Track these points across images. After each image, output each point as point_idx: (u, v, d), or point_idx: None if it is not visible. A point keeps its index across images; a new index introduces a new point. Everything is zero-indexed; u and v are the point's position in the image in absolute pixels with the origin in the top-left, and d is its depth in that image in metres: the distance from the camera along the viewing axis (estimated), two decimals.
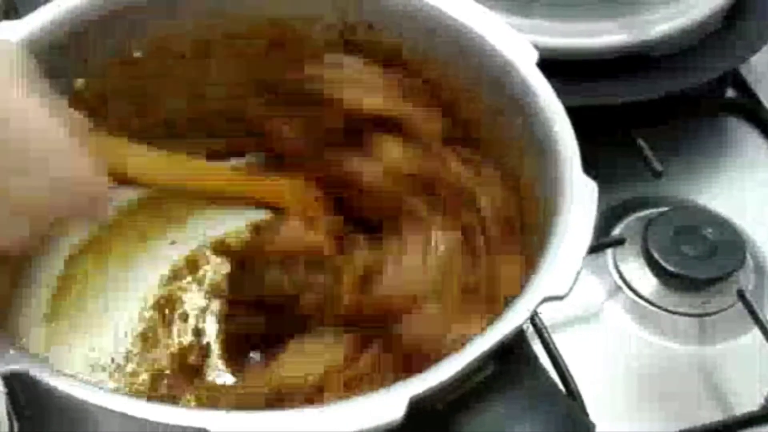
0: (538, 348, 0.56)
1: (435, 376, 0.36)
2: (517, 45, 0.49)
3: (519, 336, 0.40)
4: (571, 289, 0.39)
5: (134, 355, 0.54)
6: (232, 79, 0.57)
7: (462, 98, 0.52)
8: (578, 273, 0.40)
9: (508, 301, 0.40)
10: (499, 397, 0.38)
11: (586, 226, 0.41)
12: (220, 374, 0.53)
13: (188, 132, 0.58)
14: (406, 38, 0.53)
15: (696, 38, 0.67)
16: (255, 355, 0.53)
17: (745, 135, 0.73)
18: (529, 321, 0.40)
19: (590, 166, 0.42)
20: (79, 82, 0.52)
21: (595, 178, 0.44)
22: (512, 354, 0.39)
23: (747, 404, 0.56)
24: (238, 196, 0.52)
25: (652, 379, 0.58)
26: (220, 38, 0.55)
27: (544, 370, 0.41)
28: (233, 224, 0.58)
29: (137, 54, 0.53)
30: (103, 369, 0.53)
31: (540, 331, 0.56)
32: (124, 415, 0.35)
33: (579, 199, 0.42)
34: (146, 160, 0.46)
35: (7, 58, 0.37)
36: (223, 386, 0.52)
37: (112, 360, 0.53)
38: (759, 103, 0.73)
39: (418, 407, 0.35)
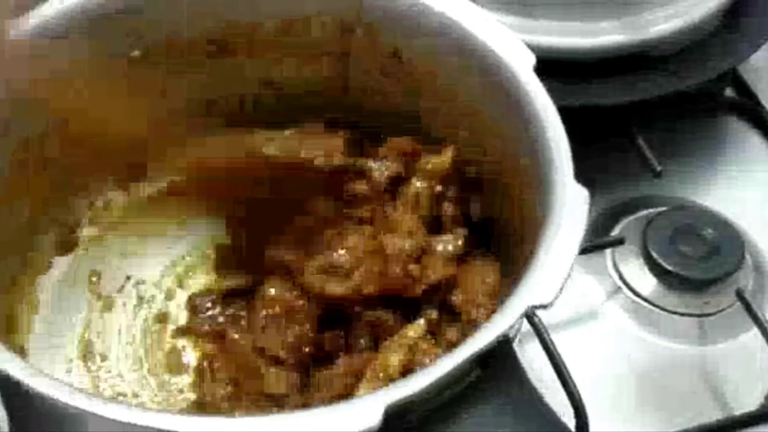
0: (536, 348, 0.55)
1: (413, 384, 0.36)
2: (514, 49, 0.49)
3: (504, 343, 0.39)
4: (556, 298, 0.39)
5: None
6: (232, 80, 0.57)
7: (461, 102, 0.52)
8: (565, 282, 0.39)
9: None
10: (480, 405, 0.38)
11: (576, 235, 0.41)
12: None
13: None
14: (406, 40, 0.53)
15: (695, 38, 0.67)
16: None
17: (745, 135, 0.73)
18: (515, 328, 0.39)
19: (590, 166, 0.42)
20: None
21: (589, 181, 0.43)
22: (496, 362, 0.39)
23: (746, 404, 0.56)
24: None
25: (651, 379, 0.58)
26: (218, 38, 0.55)
27: (527, 379, 0.40)
28: None
29: (135, 54, 0.53)
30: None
31: (539, 332, 0.56)
32: (94, 416, 0.35)
33: (570, 207, 0.42)
34: None
35: None
36: None
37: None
38: (758, 102, 0.73)
39: (396, 414, 0.35)
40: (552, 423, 0.40)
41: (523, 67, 0.48)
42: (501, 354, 0.39)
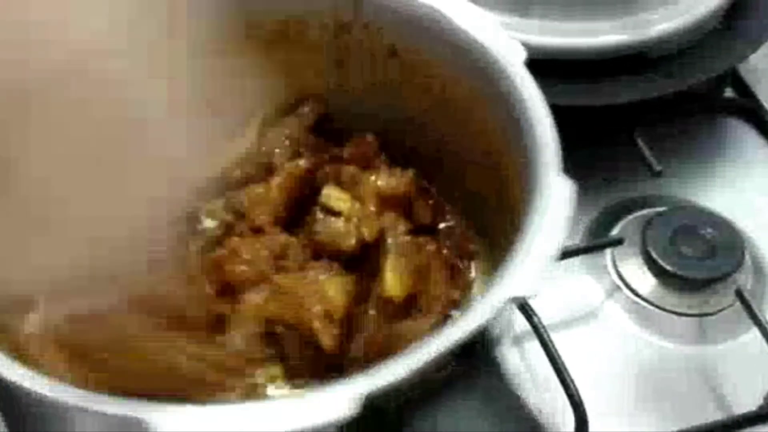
0: (536, 348, 0.55)
1: (391, 374, 0.36)
2: (506, 44, 0.49)
3: (482, 335, 0.39)
4: (537, 290, 0.39)
5: None
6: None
7: (455, 96, 0.52)
8: (546, 274, 0.39)
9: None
10: (455, 397, 0.38)
11: (559, 227, 0.41)
12: None
13: None
14: (402, 38, 0.53)
15: (695, 38, 0.67)
16: None
17: (744, 135, 0.73)
18: (498, 320, 0.39)
19: (589, 165, 0.42)
20: None
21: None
22: (474, 354, 0.39)
23: (746, 404, 0.56)
24: None
25: (650, 378, 0.58)
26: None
27: (502, 373, 0.41)
28: None
29: None
30: None
31: (539, 331, 0.56)
32: (58, 402, 0.35)
33: (555, 199, 0.42)
34: None
35: None
36: None
37: None
38: (758, 103, 0.73)
39: (372, 404, 0.35)
40: (526, 419, 0.40)
41: (514, 63, 0.48)
42: (479, 344, 0.39)
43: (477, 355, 0.39)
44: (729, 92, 0.75)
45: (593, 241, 0.63)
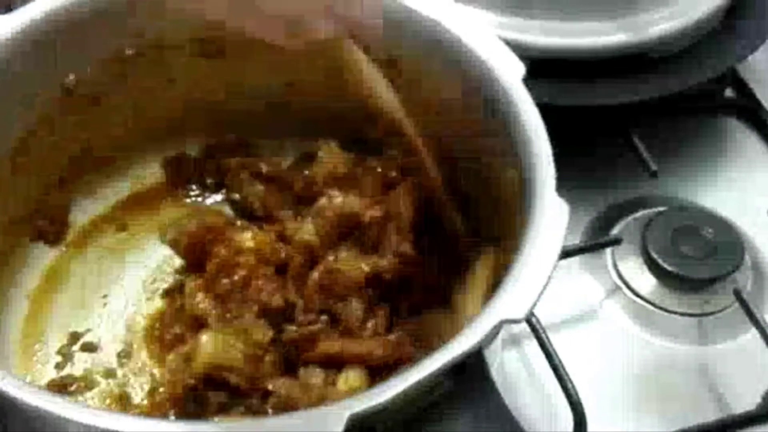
0: (534, 348, 0.56)
1: (378, 395, 0.36)
2: (505, 60, 0.48)
3: (475, 356, 0.39)
4: (529, 313, 0.39)
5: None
6: (227, 79, 0.57)
7: (451, 110, 0.52)
8: (539, 297, 0.39)
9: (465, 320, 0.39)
10: (449, 418, 0.38)
11: (553, 251, 0.41)
12: None
13: (182, 131, 0.58)
14: (401, 49, 0.52)
15: (694, 38, 0.67)
16: None
17: (744, 135, 0.73)
18: (488, 341, 0.38)
19: (590, 165, 0.42)
20: (71, 78, 0.52)
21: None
22: (467, 374, 0.39)
23: (745, 404, 0.56)
24: None
25: (650, 378, 0.58)
26: (212, 38, 0.54)
27: (496, 392, 0.40)
28: None
29: (130, 51, 0.53)
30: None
31: (536, 331, 0.56)
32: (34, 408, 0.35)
33: (549, 221, 0.42)
34: None
35: None
36: None
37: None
38: (757, 103, 0.73)
39: (361, 425, 0.35)
40: (525, 419, 0.40)
41: (512, 80, 0.47)
42: (472, 367, 0.39)
43: (468, 376, 0.39)
44: (729, 92, 0.75)
45: (590, 241, 0.63)
